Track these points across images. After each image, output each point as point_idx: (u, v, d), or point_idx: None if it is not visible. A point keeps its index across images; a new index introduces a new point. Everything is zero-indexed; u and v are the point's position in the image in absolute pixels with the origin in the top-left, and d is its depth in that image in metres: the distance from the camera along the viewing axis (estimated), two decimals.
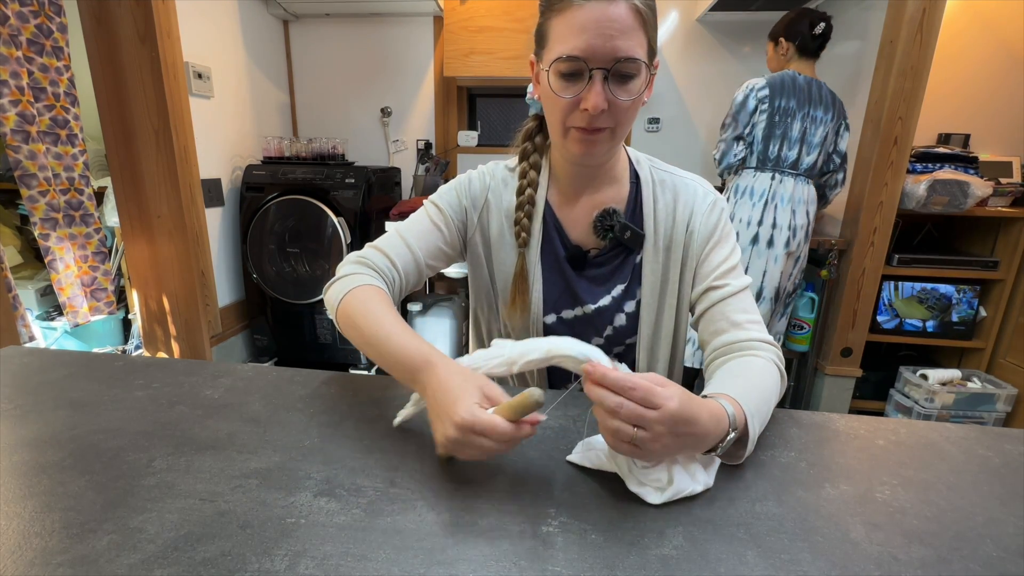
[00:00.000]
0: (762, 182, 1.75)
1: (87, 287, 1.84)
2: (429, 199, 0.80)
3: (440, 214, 0.78)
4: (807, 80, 1.72)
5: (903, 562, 0.42)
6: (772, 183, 1.74)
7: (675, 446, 0.47)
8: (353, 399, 0.68)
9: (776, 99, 1.69)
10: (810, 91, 1.71)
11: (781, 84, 1.70)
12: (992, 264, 1.94)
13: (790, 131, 1.70)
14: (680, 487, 0.49)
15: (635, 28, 0.60)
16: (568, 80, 0.62)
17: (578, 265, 0.77)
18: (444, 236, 0.77)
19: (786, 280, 1.85)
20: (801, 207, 1.76)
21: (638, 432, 0.45)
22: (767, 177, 1.75)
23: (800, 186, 1.75)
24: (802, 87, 1.70)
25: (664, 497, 0.48)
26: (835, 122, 1.75)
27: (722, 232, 0.75)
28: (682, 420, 0.46)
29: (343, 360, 2.41)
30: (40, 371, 0.74)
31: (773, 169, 1.75)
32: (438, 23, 2.50)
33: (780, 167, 1.74)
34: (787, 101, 1.69)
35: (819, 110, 1.71)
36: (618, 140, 0.68)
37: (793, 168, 1.74)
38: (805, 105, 1.69)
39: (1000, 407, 1.92)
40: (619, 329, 0.78)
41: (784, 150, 1.72)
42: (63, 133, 1.68)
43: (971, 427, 0.65)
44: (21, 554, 0.41)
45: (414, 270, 0.75)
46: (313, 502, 0.48)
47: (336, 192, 2.18)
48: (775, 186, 1.74)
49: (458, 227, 0.79)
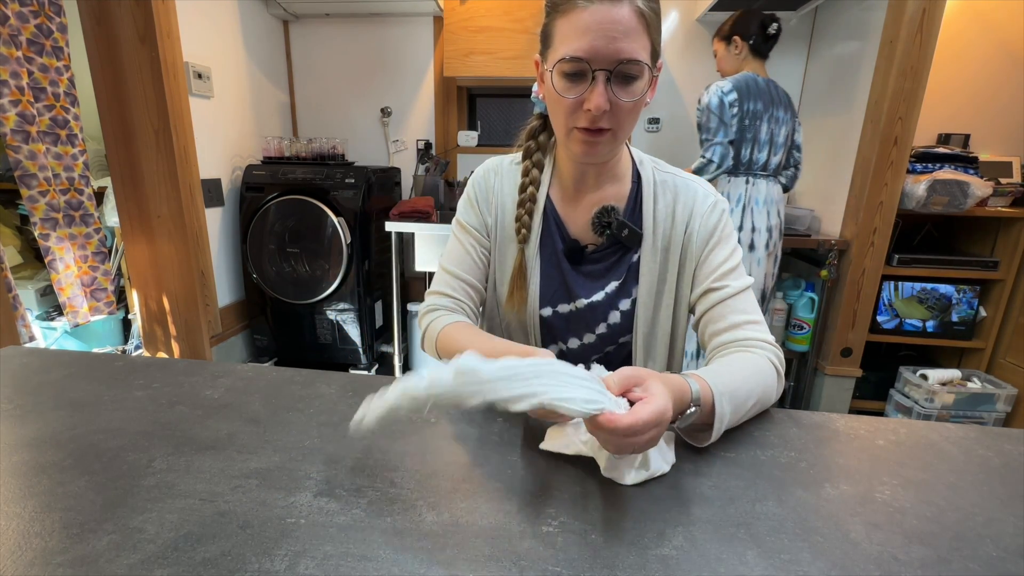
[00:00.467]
0: (737, 187, 1.76)
1: (87, 287, 1.83)
2: (454, 220, 0.84)
3: (465, 232, 0.81)
4: (766, 81, 1.73)
5: (903, 562, 0.42)
6: (747, 187, 1.75)
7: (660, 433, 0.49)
8: (353, 399, 0.68)
9: (744, 102, 1.69)
10: (771, 92, 1.72)
11: (747, 87, 1.69)
12: (992, 264, 1.94)
13: (759, 134, 1.71)
14: (655, 467, 0.52)
15: (638, 30, 0.60)
16: (571, 81, 0.63)
17: (574, 259, 0.78)
18: (477, 249, 0.81)
19: (769, 280, 1.87)
20: (774, 207, 1.78)
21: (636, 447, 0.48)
22: (741, 181, 1.76)
23: (771, 187, 1.77)
24: (763, 89, 1.71)
25: (640, 477, 0.51)
26: (793, 119, 1.78)
27: (722, 233, 0.75)
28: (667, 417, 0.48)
29: (343, 360, 2.41)
30: (40, 371, 0.74)
31: (746, 173, 1.76)
32: (438, 23, 2.50)
33: (752, 170, 1.75)
34: (754, 104, 1.69)
35: (780, 110, 1.73)
36: (620, 141, 0.69)
37: (763, 170, 1.76)
38: (769, 107, 1.71)
39: (1000, 407, 1.92)
40: (613, 327, 0.78)
41: (755, 153, 1.72)
42: (63, 133, 1.68)
43: (971, 427, 0.65)
44: (21, 554, 0.41)
45: (474, 291, 0.81)
46: (313, 502, 0.48)
47: (336, 192, 2.18)
48: (750, 190, 1.75)
49: (484, 233, 0.82)
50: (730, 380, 0.59)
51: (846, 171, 1.97)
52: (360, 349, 2.37)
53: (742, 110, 1.69)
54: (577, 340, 0.81)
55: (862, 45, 1.92)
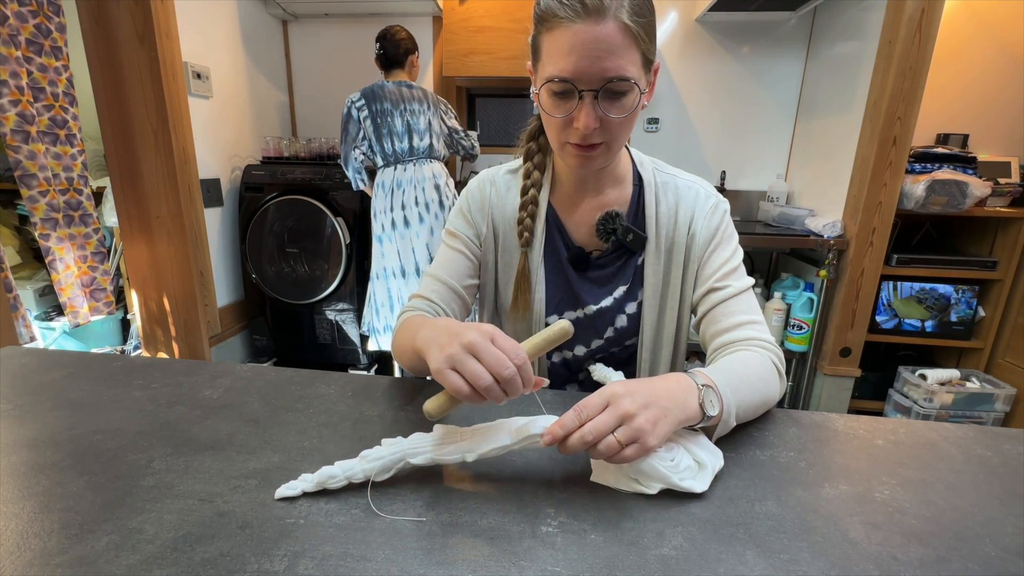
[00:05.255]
0: (387, 175, 2.02)
1: (87, 287, 1.83)
2: (444, 229, 0.83)
3: (455, 239, 0.80)
4: (396, 84, 2.00)
5: (902, 562, 0.42)
6: (395, 173, 2.01)
7: (659, 414, 0.49)
8: (352, 399, 0.68)
9: (371, 105, 1.96)
10: (400, 92, 1.98)
11: (372, 93, 1.97)
12: (991, 264, 1.94)
13: (394, 127, 1.98)
14: (714, 464, 0.51)
15: (625, 46, 0.58)
16: (560, 99, 0.62)
17: (580, 266, 0.78)
18: (467, 255, 0.80)
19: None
20: (428, 183, 2.00)
21: (618, 432, 0.47)
22: (391, 170, 2.02)
23: (421, 167, 2.01)
24: (392, 91, 1.97)
25: (706, 477, 0.50)
26: (433, 109, 2.02)
27: (723, 234, 0.75)
28: (632, 391, 0.50)
29: (342, 360, 2.41)
30: (39, 371, 0.74)
31: (396, 162, 2.01)
32: (437, 23, 2.50)
33: (400, 158, 2.01)
34: (380, 105, 1.96)
35: (414, 104, 1.98)
36: (615, 151, 0.68)
37: (410, 155, 2.01)
38: (399, 103, 1.96)
39: (999, 407, 1.92)
40: (620, 330, 0.78)
41: (395, 144, 2.00)
42: (62, 133, 1.68)
43: (970, 427, 0.65)
44: (20, 555, 0.41)
45: (455, 298, 0.78)
46: (312, 502, 0.48)
47: (335, 192, 2.17)
48: (397, 174, 2.00)
49: (475, 242, 0.81)
50: (730, 373, 0.59)
51: (845, 171, 1.97)
52: (359, 349, 2.37)
53: (371, 111, 1.98)
54: (584, 347, 0.80)
55: (861, 45, 1.93)
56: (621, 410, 0.47)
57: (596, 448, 0.47)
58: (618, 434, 0.47)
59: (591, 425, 0.47)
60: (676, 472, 0.49)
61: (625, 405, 0.48)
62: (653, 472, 0.49)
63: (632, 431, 0.47)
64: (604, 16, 0.57)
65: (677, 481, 0.49)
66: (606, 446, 0.46)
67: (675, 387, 0.53)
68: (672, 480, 0.49)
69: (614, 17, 0.57)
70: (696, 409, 0.52)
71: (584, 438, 0.46)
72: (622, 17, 0.57)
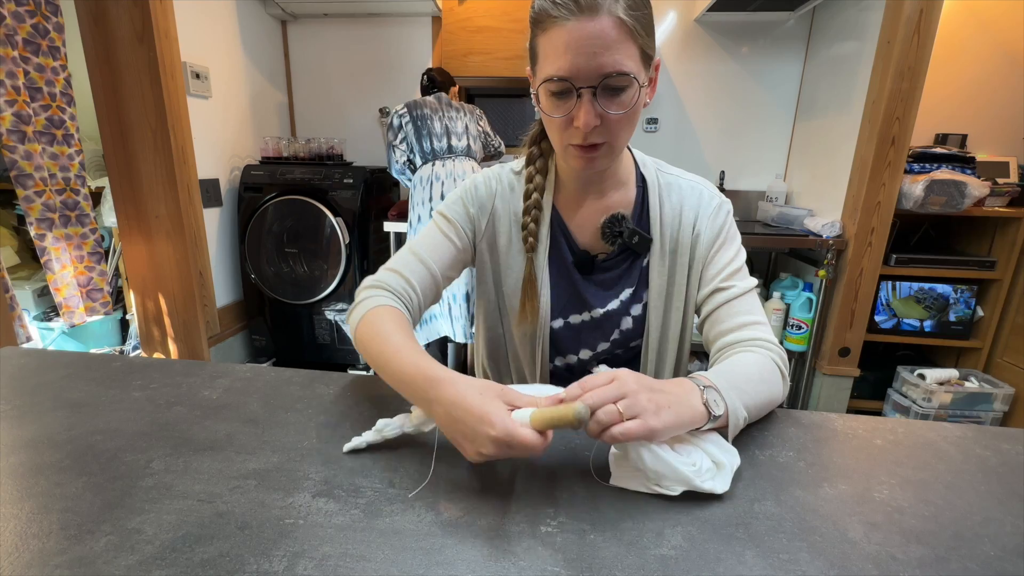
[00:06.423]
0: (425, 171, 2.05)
1: (83, 287, 1.83)
2: (437, 210, 0.80)
3: (449, 224, 0.78)
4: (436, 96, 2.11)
5: (901, 561, 0.42)
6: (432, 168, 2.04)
7: (663, 401, 0.49)
8: (352, 399, 0.68)
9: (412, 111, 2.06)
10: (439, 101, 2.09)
11: (414, 103, 2.07)
12: (989, 264, 1.95)
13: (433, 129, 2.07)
14: (731, 462, 0.52)
15: (621, 40, 0.58)
16: (559, 99, 0.62)
17: (586, 270, 0.77)
18: (456, 245, 0.77)
19: None
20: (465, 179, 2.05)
21: (620, 404, 0.48)
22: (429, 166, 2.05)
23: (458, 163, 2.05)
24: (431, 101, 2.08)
25: (726, 477, 0.50)
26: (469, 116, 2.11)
27: (727, 234, 0.75)
28: (638, 377, 0.51)
29: (342, 360, 2.40)
30: (37, 372, 0.74)
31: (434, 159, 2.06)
32: (436, 23, 2.49)
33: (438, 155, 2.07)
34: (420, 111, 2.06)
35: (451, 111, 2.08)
36: (618, 151, 0.68)
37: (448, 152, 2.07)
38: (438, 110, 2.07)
39: (997, 406, 1.92)
40: (625, 332, 0.78)
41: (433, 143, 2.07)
42: (59, 133, 1.67)
43: (968, 426, 0.65)
44: (19, 555, 0.40)
45: (431, 284, 0.75)
46: (312, 503, 0.47)
47: (334, 192, 2.17)
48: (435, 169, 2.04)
49: (468, 234, 0.79)
50: (732, 374, 0.60)
51: (844, 171, 1.97)
52: None
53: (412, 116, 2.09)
54: (589, 351, 0.80)
55: (860, 45, 1.93)
56: (625, 387, 0.49)
57: (596, 417, 0.47)
58: (620, 405, 0.47)
59: (593, 392, 0.48)
60: (698, 475, 0.49)
61: (630, 383, 0.49)
62: (675, 475, 0.49)
63: (634, 405, 0.48)
64: (598, 12, 0.57)
65: (699, 483, 0.49)
66: (606, 413, 0.47)
67: (678, 388, 0.53)
68: (695, 483, 0.49)
69: (608, 12, 0.57)
70: (701, 408, 0.52)
71: (584, 401, 0.47)
72: (616, 12, 0.57)
